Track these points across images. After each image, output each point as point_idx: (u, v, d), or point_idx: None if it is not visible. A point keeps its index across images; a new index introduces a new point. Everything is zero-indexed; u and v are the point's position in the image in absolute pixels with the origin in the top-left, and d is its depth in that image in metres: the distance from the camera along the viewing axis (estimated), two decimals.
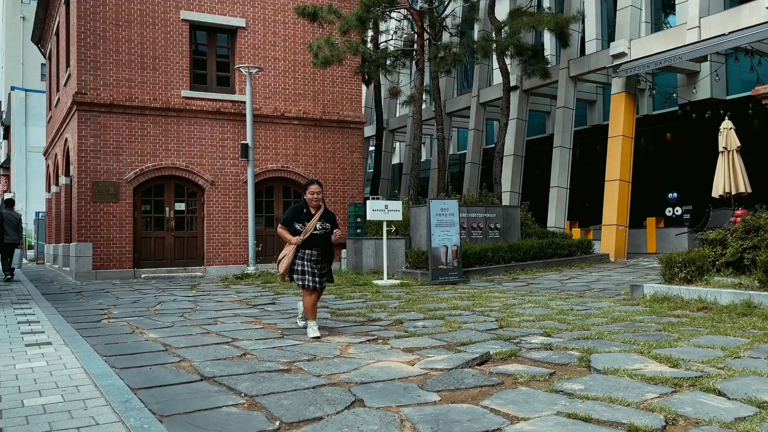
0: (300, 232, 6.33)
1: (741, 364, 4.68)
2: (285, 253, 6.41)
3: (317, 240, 6.38)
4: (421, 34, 16.58)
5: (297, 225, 6.37)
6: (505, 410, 3.67)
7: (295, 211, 6.50)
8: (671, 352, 5.10)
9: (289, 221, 6.42)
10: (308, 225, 6.33)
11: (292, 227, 6.38)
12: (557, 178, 18.96)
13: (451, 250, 13.16)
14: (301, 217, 6.40)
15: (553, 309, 8.19)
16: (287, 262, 6.34)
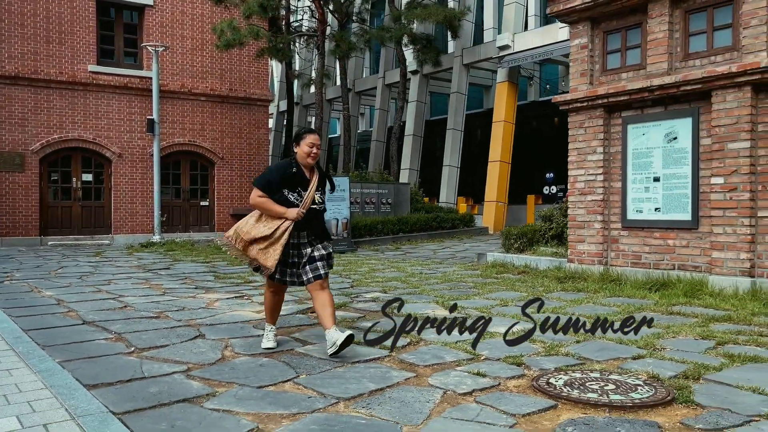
0: (291, 203, 4.34)
1: (501, 310, 6.34)
2: (270, 233, 4.31)
3: (314, 216, 4.46)
4: (322, 20, 17.73)
5: (289, 193, 4.35)
6: (303, 337, 5.11)
7: (282, 172, 4.38)
8: (461, 303, 6.72)
9: (273, 186, 4.36)
10: (307, 194, 4.38)
11: (279, 195, 4.34)
12: (449, 157, 20.73)
13: (342, 222, 14.62)
14: (293, 182, 4.36)
15: (406, 273, 9.77)
16: (279, 249, 4.29)
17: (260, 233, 4.34)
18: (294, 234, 4.39)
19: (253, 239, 4.36)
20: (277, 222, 4.33)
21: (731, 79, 6.65)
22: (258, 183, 4.42)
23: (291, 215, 4.31)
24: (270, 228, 4.34)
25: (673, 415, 3.25)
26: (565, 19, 8.39)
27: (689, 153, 7.23)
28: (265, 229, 4.35)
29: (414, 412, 3.31)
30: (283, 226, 4.31)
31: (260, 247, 4.35)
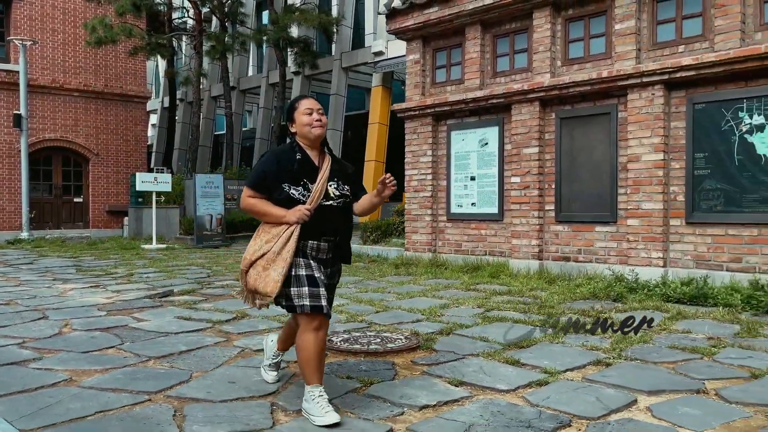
0: (296, 201, 3.05)
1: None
2: (270, 248, 3.03)
3: (332, 217, 3.13)
4: (198, 20, 18.07)
5: (290, 188, 3.06)
6: (141, 317, 5.80)
7: (279, 159, 3.12)
8: None
9: (269, 180, 3.09)
10: (315, 187, 3.08)
11: (279, 193, 3.07)
12: None
13: (216, 218, 15.14)
14: (296, 171, 3.09)
15: None
16: (284, 265, 2.98)
17: (256, 252, 3.04)
18: (313, 246, 3.07)
19: (251, 263, 3.04)
20: (277, 230, 3.01)
21: (525, 95, 8.00)
22: (249, 180, 3.17)
23: (291, 217, 2.98)
24: (266, 239, 3.03)
25: (410, 357, 4.29)
26: (402, 36, 9.51)
27: (496, 156, 8.54)
28: (261, 242, 3.04)
29: (208, 363, 4.14)
30: (285, 234, 2.99)
31: (257, 271, 3.01)
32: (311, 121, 3.13)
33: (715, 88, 6.62)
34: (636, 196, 7.10)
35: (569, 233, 7.83)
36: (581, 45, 7.75)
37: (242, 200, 3.20)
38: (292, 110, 3.21)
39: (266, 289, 3.01)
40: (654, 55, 7.08)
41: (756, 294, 5.78)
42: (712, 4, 6.62)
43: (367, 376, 3.78)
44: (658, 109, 6.90)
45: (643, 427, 2.97)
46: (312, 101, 3.21)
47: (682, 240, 6.88)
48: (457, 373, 3.85)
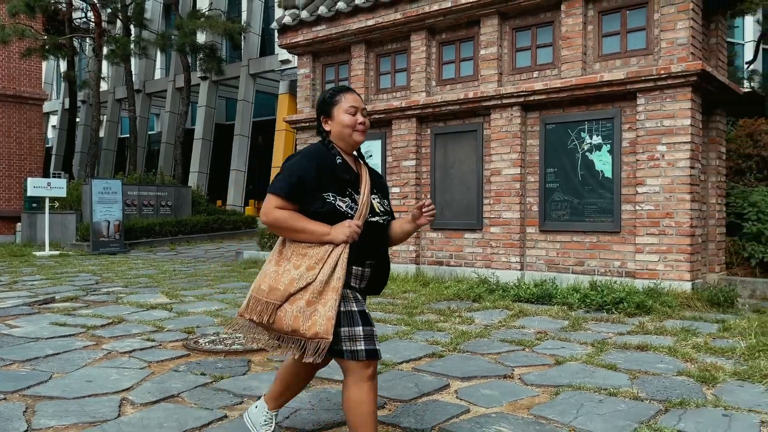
0: (342, 216, 2.43)
1: (218, 296, 7.59)
2: (314, 276, 2.37)
3: (378, 237, 2.60)
4: (98, 23, 17.74)
5: (335, 199, 2.44)
6: (15, 323, 5.90)
7: (319, 163, 2.48)
8: (186, 293, 7.84)
9: (308, 187, 2.44)
10: (361, 199, 2.50)
11: (319, 204, 2.44)
12: (236, 162, 21.72)
13: (114, 224, 14.94)
14: (341, 179, 2.49)
15: (161, 270, 10.64)
16: (336, 298, 2.35)
17: (295, 281, 2.36)
18: (357, 273, 2.49)
19: (288, 296, 2.36)
20: (318, 252, 2.38)
21: (403, 111, 8.60)
22: (278, 187, 2.41)
23: (339, 236, 2.37)
24: (306, 265, 2.37)
25: (266, 354, 4.69)
26: (293, 51, 9.92)
27: (380, 167, 9.10)
28: (299, 269, 2.38)
29: (71, 365, 4.39)
30: (331, 257, 2.37)
31: (298, 306, 2.34)
32: (354, 122, 2.54)
33: (562, 110, 7.46)
34: (498, 206, 7.84)
35: (442, 239, 8.50)
36: (453, 67, 8.45)
37: (267, 212, 2.42)
38: (332, 104, 2.56)
39: (316, 330, 2.30)
40: (513, 79, 7.86)
41: (591, 294, 6.58)
42: (560, 36, 7.45)
43: (220, 372, 4.16)
44: (515, 128, 7.67)
45: (442, 406, 3.52)
46: (357, 98, 2.61)
47: (536, 246, 7.67)
48: None
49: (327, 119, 2.60)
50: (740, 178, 9.00)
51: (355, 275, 2.50)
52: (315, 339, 2.33)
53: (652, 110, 6.71)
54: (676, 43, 6.58)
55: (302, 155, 2.52)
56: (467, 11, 7.96)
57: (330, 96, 2.61)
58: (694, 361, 4.39)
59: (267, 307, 2.42)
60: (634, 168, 6.92)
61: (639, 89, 6.75)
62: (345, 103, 2.55)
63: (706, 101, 7.21)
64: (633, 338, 5.12)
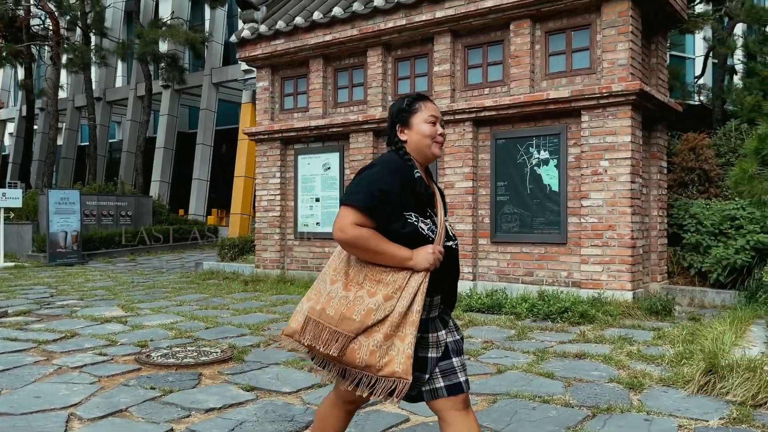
0: (423, 240, 2.22)
1: (173, 308, 7.61)
2: (392, 306, 2.13)
3: (453, 264, 2.38)
4: (56, 31, 17.53)
5: (419, 220, 2.23)
6: None
7: (402, 176, 2.22)
8: (143, 305, 7.85)
9: (393, 204, 2.17)
10: (439, 220, 2.31)
11: (401, 224, 2.19)
12: (198, 171, 21.61)
13: (71, 235, 14.73)
14: (418, 196, 2.25)
15: (118, 282, 10.57)
16: (414, 332, 2.12)
17: (372, 312, 2.12)
18: (427, 302, 2.24)
19: (361, 330, 2.12)
20: (394, 279, 2.16)
21: (360, 125, 8.78)
22: (358, 200, 2.14)
23: (422, 262, 2.16)
24: (384, 294, 2.15)
25: (219, 368, 4.78)
26: (252, 64, 10.03)
27: (338, 180, 9.26)
28: (374, 298, 2.14)
29: (20, 381, 4.41)
30: (411, 286, 2.15)
31: (375, 340, 2.11)
32: (434, 133, 2.31)
33: (512, 126, 7.73)
34: (452, 219, 8.06)
35: None
36: (408, 82, 8.67)
37: (343, 228, 2.12)
38: (411, 112, 2.33)
39: (393, 368, 2.08)
40: (465, 95, 8.11)
41: (538, 303, 6.83)
42: (509, 55, 7.73)
43: (170, 386, 4.24)
44: (468, 142, 7.92)
45: (383, 416, 3.68)
46: (436, 107, 2.38)
47: (488, 257, 7.91)
48: (253, 380, 4.41)
49: (403, 128, 2.33)
50: (684, 190, 9.41)
51: (432, 303, 2.27)
52: (391, 378, 2.09)
53: (595, 127, 7.02)
54: (617, 63, 6.91)
55: (383, 166, 2.23)
56: (421, 29, 8.19)
57: (409, 103, 2.36)
58: (626, 368, 4.65)
59: (336, 337, 2.15)
60: (579, 182, 7.21)
61: (583, 107, 7.06)
62: (425, 112, 2.33)
63: (647, 118, 7.57)
64: (573, 347, 5.36)
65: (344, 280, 2.22)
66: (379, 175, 2.18)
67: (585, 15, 7.25)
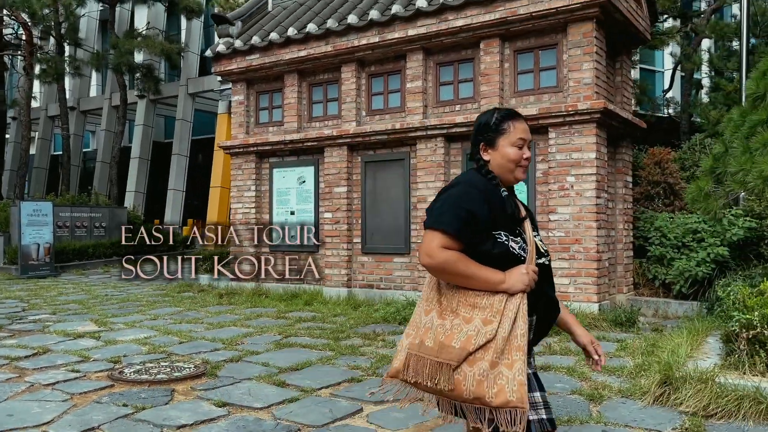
0: (515, 260, 2.11)
1: (148, 323, 7.63)
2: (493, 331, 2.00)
3: (547, 281, 2.24)
4: (29, 41, 17.39)
5: (509, 239, 2.11)
6: None
7: (489, 196, 2.11)
8: (117, 319, 7.85)
9: (480, 225, 2.06)
10: (529, 238, 2.19)
11: (489, 244, 2.09)
12: (174, 181, 21.52)
13: (44, 247, 14.59)
14: (507, 215, 2.14)
15: (92, 295, 10.52)
16: (524, 358, 1.99)
17: (473, 338, 2.00)
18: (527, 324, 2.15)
19: (462, 357, 2.00)
20: (492, 302, 2.05)
21: (335, 140, 8.91)
22: (445, 222, 2.05)
23: (517, 284, 2.06)
24: (481, 318, 2.04)
25: (192, 383, 4.85)
26: (227, 78, 10.11)
27: (313, 193, 9.36)
28: (477, 325, 2.03)
29: None
30: (509, 309, 2.04)
31: (481, 369, 1.99)
32: (520, 158, 2.19)
33: None
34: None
35: (373, 263, 8.80)
36: (382, 98, 8.83)
37: (431, 252, 2.03)
38: (498, 132, 2.20)
39: (506, 398, 1.96)
40: (437, 111, 8.29)
41: None
42: (479, 72, 7.93)
43: (143, 403, 4.30)
44: (439, 157, 8.09)
45: (351, 431, 3.79)
46: (526, 128, 2.23)
47: None
48: (226, 396, 4.49)
49: (488, 148, 2.21)
50: (650, 203, 9.68)
51: (530, 325, 2.11)
52: (505, 408, 1.98)
53: (562, 144, 7.24)
54: (582, 82, 7.15)
55: (467, 185, 2.13)
56: (394, 46, 8.36)
57: (497, 122, 2.21)
58: (588, 380, 4.82)
59: (440, 368, 2.02)
60: (547, 197, 7.42)
61: (550, 124, 7.27)
62: (514, 134, 2.19)
63: (612, 134, 7.81)
64: (540, 359, 5.52)
65: (438, 309, 2.11)
66: (463, 194, 2.09)
67: (552, 35, 7.48)
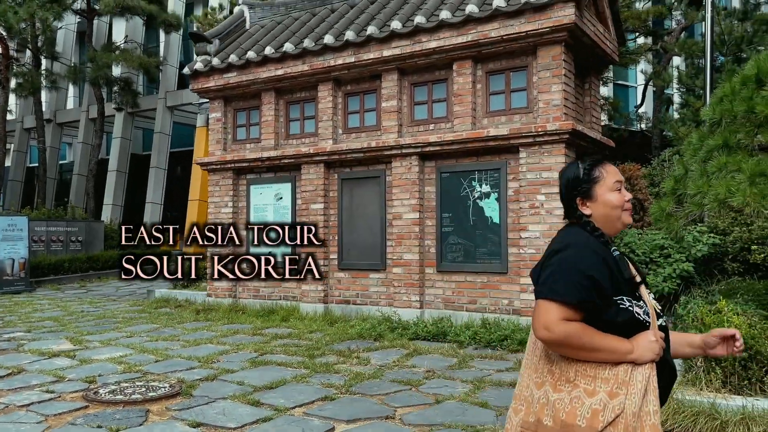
0: (639, 326, 1.92)
1: (124, 341, 7.64)
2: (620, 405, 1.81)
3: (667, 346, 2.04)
4: (5, 55, 17.29)
5: (632, 305, 1.92)
6: None
7: (603, 256, 1.92)
8: (93, 337, 7.85)
9: (604, 291, 1.87)
10: (648, 300, 2.02)
11: (615, 313, 1.89)
12: (152, 194, 21.43)
13: (19, 262, 14.45)
14: (624, 276, 1.94)
15: (68, 312, 10.47)
16: None
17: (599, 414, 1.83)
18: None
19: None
20: (616, 373, 1.87)
21: (311, 157, 9.03)
22: (564, 291, 1.86)
23: (647, 353, 1.89)
24: (607, 391, 1.86)
25: (166, 403, 4.90)
26: (205, 96, 10.19)
27: (290, 210, 9.46)
28: (602, 399, 1.85)
29: None
30: (637, 379, 1.86)
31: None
32: (623, 202, 2.04)
33: (456, 161, 8.10)
34: (399, 248, 8.36)
35: (349, 279, 8.91)
36: (358, 117, 8.98)
37: (550, 326, 1.85)
38: (592, 182, 2.05)
39: None
40: (412, 130, 8.46)
41: (480, 331, 7.15)
42: (452, 93, 8.13)
43: (117, 424, 4.36)
44: (414, 175, 8.25)
45: None
46: (616, 170, 2.09)
47: (435, 285, 8.22)
48: (200, 416, 4.56)
49: (586, 201, 2.05)
50: None
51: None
52: None
53: (532, 163, 7.44)
54: (552, 104, 7.36)
55: (580, 246, 1.93)
56: (369, 66, 8.53)
57: (587, 172, 2.06)
58: None
59: None
60: (518, 215, 7.61)
61: (521, 144, 7.48)
62: (609, 178, 2.04)
63: (581, 153, 8.04)
64: (509, 375, 5.68)
65: (551, 381, 1.92)
66: (579, 258, 1.89)
67: (522, 57, 7.71)
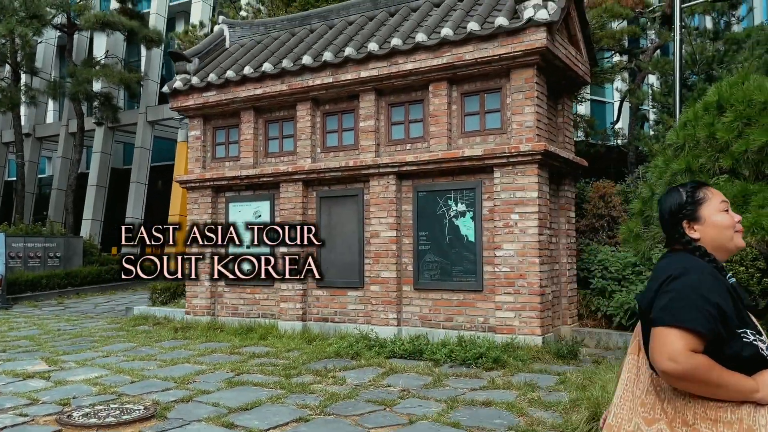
0: (760, 361, 1.80)
1: (99, 361, 7.62)
2: None
3: None
4: None
5: (756, 338, 1.82)
6: None
7: (725, 288, 1.82)
8: (68, 357, 7.81)
9: (729, 323, 1.77)
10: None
11: (739, 346, 1.78)
12: (132, 209, 21.33)
13: None
14: (744, 307, 1.88)
15: (44, 330, 10.38)
16: None
17: None
18: None
19: None
20: (740, 416, 1.77)
21: (290, 176, 9.10)
22: (692, 319, 1.73)
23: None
24: None
25: (141, 426, 4.92)
26: (184, 114, 10.24)
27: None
28: None
29: None
30: (760, 423, 1.76)
31: None
32: (733, 222, 1.97)
33: (432, 180, 8.23)
34: (377, 266, 8.44)
35: (327, 297, 8.97)
36: (336, 136, 9.08)
37: (676, 357, 1.70)
38: (698, 204, 1.97)
39: None
40: (389, 150, 8.58)
41: (456, 349, 7.23)
42: (429, 113, 8.27)
43: None
44: (391, 194, 8.35)
45: None
46: (719, 191, 2.02)
47: (412, 303, 8.30)
48: None
49: (692, 224, 1.96)
50: (595, 235, 10.12)
51: None
52: None
53: (506, 183, 7.58)
54: (524, 125, 7.52)
55: (700, 272, 1.80)
56: (347, 86, 8.64)
57: (691, 194, 1.98)
58: (526, 415, 5.06)
59: None
60: (493, 234, 7.73)
61: (495, 164, 7.62)
62: (714, 199, 1.97)
63: (555, 173, 8.21)
64: (482, 394, 5.76)
65: (666, 420, 1.80)
66: (702, 284, 1.76)
67: (496, 79, 7.87)
